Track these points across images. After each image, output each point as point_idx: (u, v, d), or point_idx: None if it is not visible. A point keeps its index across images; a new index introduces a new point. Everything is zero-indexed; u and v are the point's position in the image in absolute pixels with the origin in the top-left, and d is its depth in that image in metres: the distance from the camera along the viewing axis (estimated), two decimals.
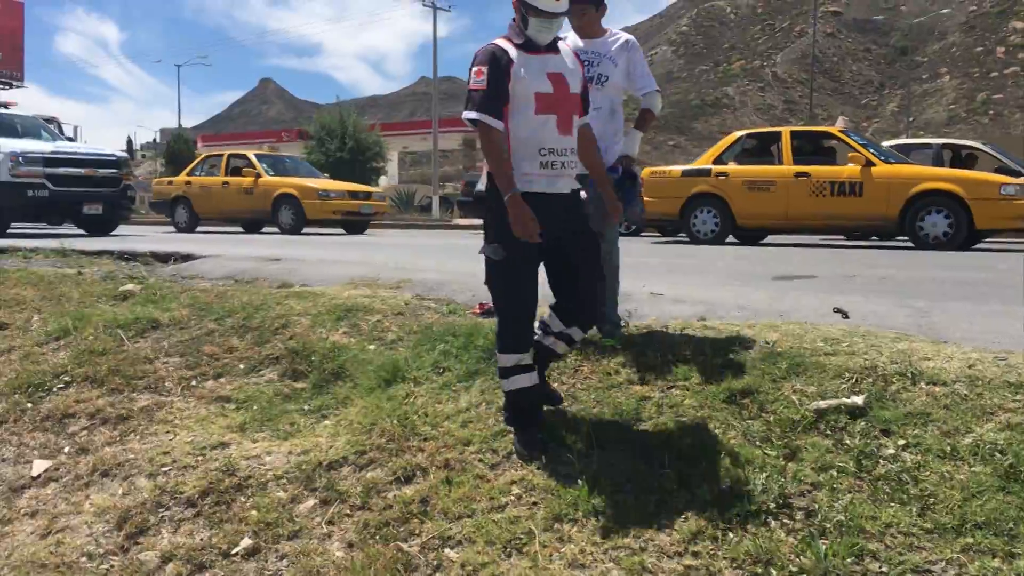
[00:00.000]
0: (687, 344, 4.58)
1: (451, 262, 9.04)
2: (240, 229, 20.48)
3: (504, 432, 4.15)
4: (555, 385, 4.53)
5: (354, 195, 19.26)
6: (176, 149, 44.16)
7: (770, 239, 14.99)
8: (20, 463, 4.84)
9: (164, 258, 8.76)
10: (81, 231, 14.86)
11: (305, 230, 18.47)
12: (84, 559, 3.93)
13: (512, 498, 3.74)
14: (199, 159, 21.55)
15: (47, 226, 15.68)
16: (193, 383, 5.33)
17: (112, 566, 3.87)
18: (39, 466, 4.73)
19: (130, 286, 7.05)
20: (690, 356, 4.45)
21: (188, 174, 20.58)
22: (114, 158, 14.97)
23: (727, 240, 14.01)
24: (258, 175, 18.59)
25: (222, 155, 20.40)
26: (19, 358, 5.97)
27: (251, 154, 20.19)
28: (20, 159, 13.27)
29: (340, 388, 4.95)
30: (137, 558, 3.86)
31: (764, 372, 4.13)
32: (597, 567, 3.26)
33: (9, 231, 13.89)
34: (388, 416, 4.45)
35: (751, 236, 14.49)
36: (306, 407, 4.85)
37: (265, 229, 19.90)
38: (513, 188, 3.65)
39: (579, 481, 3.69)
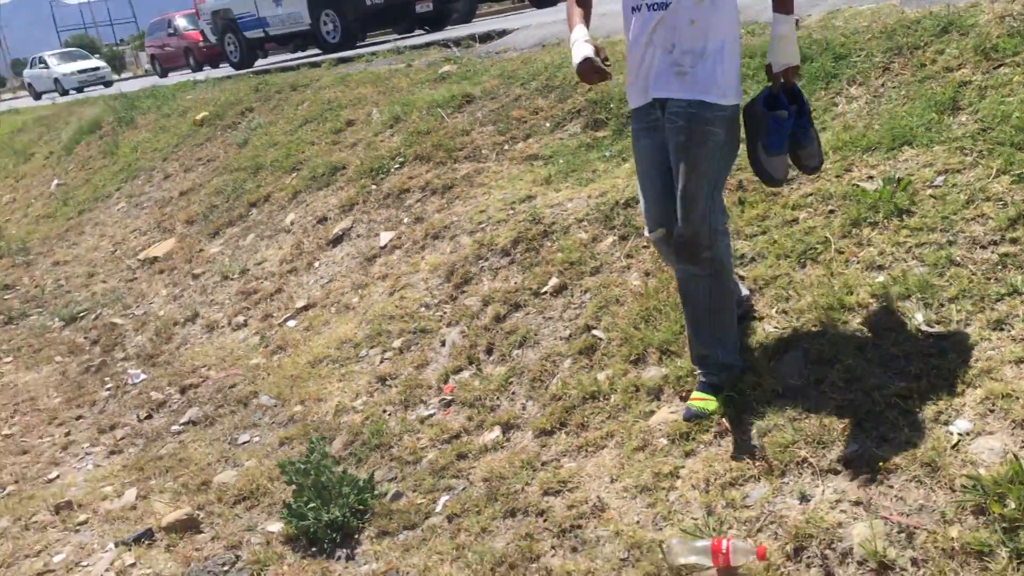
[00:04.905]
0: (1018, 16, 3.87)
1: None
2: None
3: None
4: (856, 90, 4.11)
5: None
6: None
7: None
8: (371, 237, 5.46)
9: (482, 38, 9.01)
10: (423, 31, 15.66)
11: None
12: (422, 309, 4.42)
13: (807, 211, 3.54)
14: None
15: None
16: (505, 147, 5.57)
17: (444, 312, 4.31)
18: (385, 237, 5.31)
19: (447, 68, 7.39)
20: (1021, 28, 3.77)
21: None
22: None
23: None
24: None
25: None
26: (363, 148, 6.61)
27: None
28: None
29: None
30: (463, 303, 4.26)
31: None
32: (897, 267, 3.03)
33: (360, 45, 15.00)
34: None
35: None
36: (607, 153, 4.88)
37: None
38: None
39: (880, 183, 3.39)
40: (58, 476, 4.22)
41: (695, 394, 2.97)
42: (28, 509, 3.85)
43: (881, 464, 2.42)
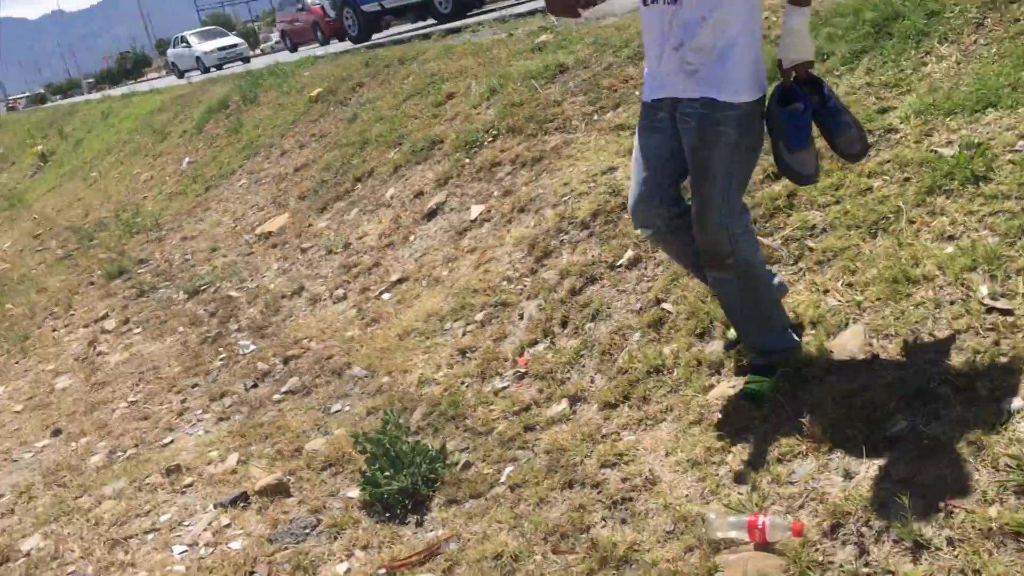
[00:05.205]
0: None
1: None
2: None
3: (883, 112, 3.78)
4: (947, 48, 3.94)
5: None
6: None
7: None
8: (462, 210, 5.59)
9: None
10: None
11: None
12: (504, 282, 4.52)
13: (883, 179, 3.45)
14: None
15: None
16: (594, 117, 5.58)
17: (524, 286, 4.40)
18: (475, 210, 5.43)
19: (544, 37, 7.41)
20: None
21: None
22: None
23: None
24: None
25: None
26: (460, 121, 6.74)
27: None
28: None
29: None
30: (542, 277, 4.34)
31: None
32: (968, 237, 2.94)
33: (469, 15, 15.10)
34: None
35: None
36: None
37: None
38: None
39: (956, 148, 3.27)
40: (172, 441, 4.56)
41: (749, 376, 2.96)
42: (143, 471, 4.19)
43: (928, 441, 2.38)
